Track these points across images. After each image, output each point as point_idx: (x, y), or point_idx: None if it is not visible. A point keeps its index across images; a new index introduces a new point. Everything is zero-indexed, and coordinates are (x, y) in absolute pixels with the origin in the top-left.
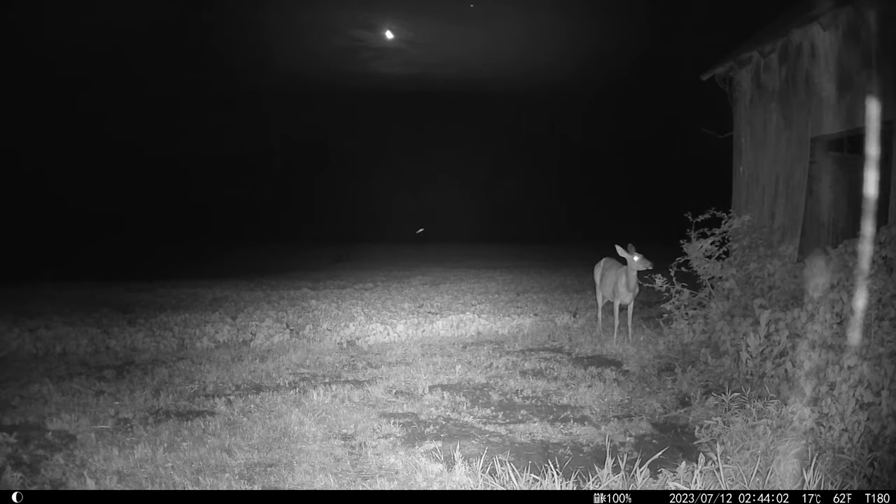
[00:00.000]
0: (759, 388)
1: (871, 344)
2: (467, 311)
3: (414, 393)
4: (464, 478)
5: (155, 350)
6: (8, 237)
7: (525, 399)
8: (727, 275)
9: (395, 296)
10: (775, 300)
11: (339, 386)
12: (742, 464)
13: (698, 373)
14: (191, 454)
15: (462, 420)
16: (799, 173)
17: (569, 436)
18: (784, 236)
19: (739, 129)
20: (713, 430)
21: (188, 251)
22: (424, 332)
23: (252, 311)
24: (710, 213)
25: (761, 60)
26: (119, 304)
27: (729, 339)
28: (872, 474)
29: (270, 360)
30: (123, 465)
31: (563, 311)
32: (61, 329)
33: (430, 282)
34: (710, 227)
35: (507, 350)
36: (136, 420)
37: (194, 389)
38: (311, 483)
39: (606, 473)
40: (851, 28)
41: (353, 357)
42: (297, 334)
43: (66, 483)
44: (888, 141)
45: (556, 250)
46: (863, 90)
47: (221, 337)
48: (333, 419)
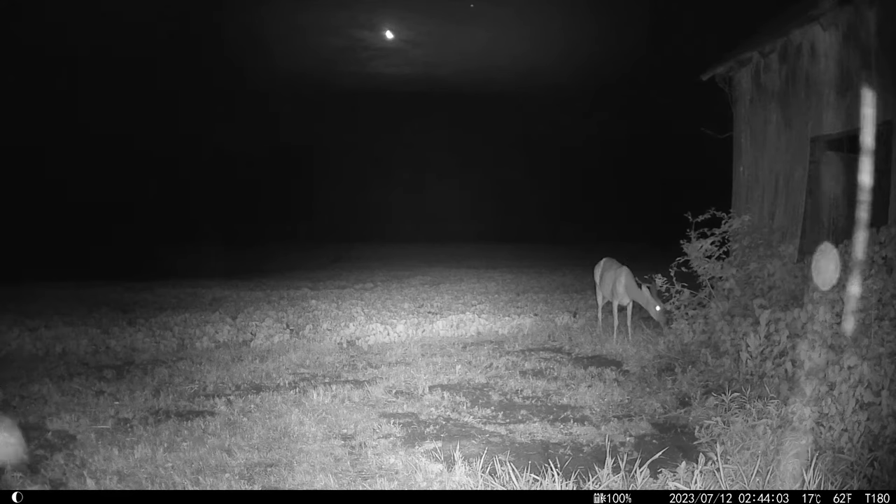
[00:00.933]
0: (759, 388)
1: (871, 344)
2: (467, 311)
3: (414, 393)
4: (464, 478)
5: (155, 350)
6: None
7: (525, 399)
8: (727, 275)
9: (395, 296)
10: (775, 300)
11: (339, 386)
12: (742, 464)
13: (698, 373)
14: (191, 454)
15: (462, 420)
16: (799, 173)
17: (569, 436)
18: (784, 236)
19: (739, 129)
20: (713, 430)
21: (188, 251)
22: (424, 332)
23: (252, 311)
24: (710, 213)
25: (761, 60)
26: (119, 304)
27: (729, 339)
28: (872, 474)
29: (270, 360)
30: (123, 465)
31: (563, 311)
32: (61, 329)
33: (430, 282)
34: (710, 227)
35: (507, 350)
36: (136, 420)
37: (194, 389)
38: (311, 483)
39: (606, 473)
40: (851, 28)
41: (353, 357)
42: (297, 334)
43: (66, 483)
44: (888, 141)
45: (556, 250)
46: (862, 90)
47: (221, 337)
48: (333, 419)
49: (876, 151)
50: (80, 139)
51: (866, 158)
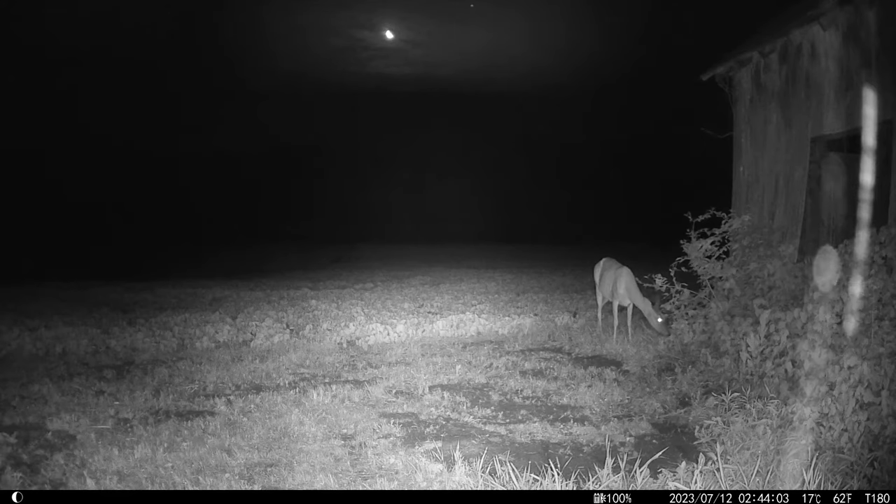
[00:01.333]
0: (759, 388)
1: (871, 344)
2: (467, 311)
3: (414, 393)
4: (464, 478)
5: (155, 350)
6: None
7: (525, 399)
8: (727, 275)
9: (395, 296)
10: (775, 300)
11: (339, 386)
12: (742, 464)
13: (698, 373)
14: (191, 454)
15: (462, 420)
16: (799, 173)
17: (569, 436)
18: (784, 236)
19: (739, 129)
20: (713, 430)
21: (188, 251)
22: (424, 332)
23: (252, 311)
24: (710, 213)
25: (761, 60)
26: (119, 304)
27: (729, 339)
28: (872, 474)
29: (270, 360)
30: (123, 465)
31: (563, 311)
32: (61, 329)
33: (430, 282)
34: (710, 227)
35: (507, 350)
36: (136, 420)
37: (194, 389)
38: (311, 483)
39: (606, 473)
40: (851, 28)
41: (353, 357)
42: (297, 334)
43: (66, 483)
44: (888, 140)
45: (556, 250)
46: (862, 90)
47: (221, 337)
48: (333, 419)
49: (876, 151)
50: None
51: (867, 158)
